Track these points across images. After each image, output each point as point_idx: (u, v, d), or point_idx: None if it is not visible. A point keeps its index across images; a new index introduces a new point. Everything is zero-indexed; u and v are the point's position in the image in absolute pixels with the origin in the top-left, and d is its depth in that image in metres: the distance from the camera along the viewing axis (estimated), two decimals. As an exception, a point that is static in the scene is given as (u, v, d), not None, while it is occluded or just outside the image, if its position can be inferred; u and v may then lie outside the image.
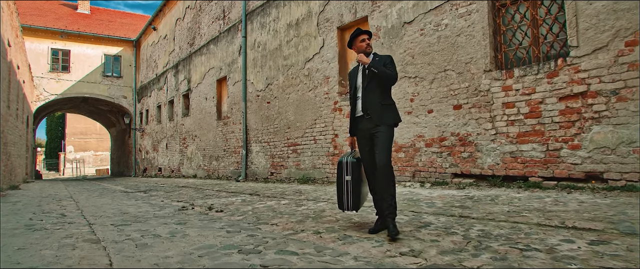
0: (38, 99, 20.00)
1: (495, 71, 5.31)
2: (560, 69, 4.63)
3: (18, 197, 7.51)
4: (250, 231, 3.37)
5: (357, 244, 2.77)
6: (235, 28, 11.93)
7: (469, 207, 4.10)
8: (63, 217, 4.43)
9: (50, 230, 3.43)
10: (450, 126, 5.81)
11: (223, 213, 4.61)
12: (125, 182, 14.50)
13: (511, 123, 5.10)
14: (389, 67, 3.08)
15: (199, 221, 3.99)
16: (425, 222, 3.50)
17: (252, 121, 10.78)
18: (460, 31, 5.70)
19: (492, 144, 5.29)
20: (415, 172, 6.27)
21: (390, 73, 3.05)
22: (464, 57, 5.65)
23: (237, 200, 6.06)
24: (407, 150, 6.41)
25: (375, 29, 7.05)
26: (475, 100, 5.51)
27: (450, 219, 3.56)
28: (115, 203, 6.14)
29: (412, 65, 6.37)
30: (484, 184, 5.36)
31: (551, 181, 4.69)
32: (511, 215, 3.55)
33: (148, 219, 4.14)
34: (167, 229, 3.47)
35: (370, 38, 3.21)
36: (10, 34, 10.17)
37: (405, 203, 4.64)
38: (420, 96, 6.24)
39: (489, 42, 5.36)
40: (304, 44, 8.84)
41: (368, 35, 3.19)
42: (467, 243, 2.71)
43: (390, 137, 3.03)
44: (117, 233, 3.34)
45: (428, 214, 3.92)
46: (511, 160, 5.08)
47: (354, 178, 3.07)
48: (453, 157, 5.75)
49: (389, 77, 3.05)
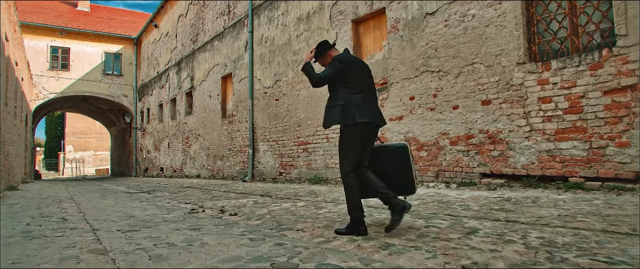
0: (37, 97, 19.59)
1: (529, 64, 4.93)
2: (606, 60, 4.26)
3: (16, 199, 7.12)
4: (275, 238, 2.99)
5: (406, 255, 2.40)
6: (241, 23, 11.54)
7: (510, 210, 3.73)
8: (64, 222, 4.05)
9: (50, 238, 3.04)
10: (478, 123, 5.43)
11: (238, 217, 4.23)
12: (126, 183, 14.11)
13: (548, 119, 4.72)
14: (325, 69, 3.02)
15: (214, 226, 3.60)
16: (470, 227, 3.12)
17: (260, 119, 10.39)
18: (489, 21, 5.32)
19: (526, 141, 4.92)
20: (439, 172, 5.89)
21: (310, 75, 3.00)
22: (493, 49, 5.27)
23: (249, 202, 5.68)
24: (430, 149, 6.03)
25: (393, 20, 6.67)
26: (506, 95, 5.13)
27: (497, 225, 3.19)
28: (119, 205, 5.76)
29: (435, 58, 5.99)
30: (517, 184, 4.98)
31: (595, 182, 4.32)
32: (566, 220, 3.18)
33: (157, 224, 3.76)
34: (182, 237, 3.09)
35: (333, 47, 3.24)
36: (8, 28, 9.78)
37: (436, 206, 4.26)
38: (445, 91, 5.86)
39: (522, 33, 4.98)
40: (316, 38, 8.46)
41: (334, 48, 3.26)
42: (535, 253, 2.33)
43: (343, 142, 2.93)
44: (125, 241, 2.96)
45: (468, 218, 3.55)
46: (548, 159, 4.70)
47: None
48: (481, 156, 5.37)
49: (309, 79, 3.04)
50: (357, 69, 2.99)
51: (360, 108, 2.86)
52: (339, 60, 2.98)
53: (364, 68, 3.07)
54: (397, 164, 3.00)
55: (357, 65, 3.02)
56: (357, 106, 2.86)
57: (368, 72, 3.10)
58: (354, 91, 2.91)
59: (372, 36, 7.37)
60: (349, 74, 2.93)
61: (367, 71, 3.09)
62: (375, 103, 3.03)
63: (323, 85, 3.01)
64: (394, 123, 6.60)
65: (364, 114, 2.85)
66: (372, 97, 3.03)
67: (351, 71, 2.95)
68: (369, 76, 3.08)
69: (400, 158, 3.00)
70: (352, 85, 2.92)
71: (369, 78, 3.08)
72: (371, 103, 2.97)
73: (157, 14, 18.88)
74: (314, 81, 2.98)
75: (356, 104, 2.87)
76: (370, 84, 3.06)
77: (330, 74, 2.93)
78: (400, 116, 6.50)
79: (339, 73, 2.93)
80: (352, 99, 2.88)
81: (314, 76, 2.98)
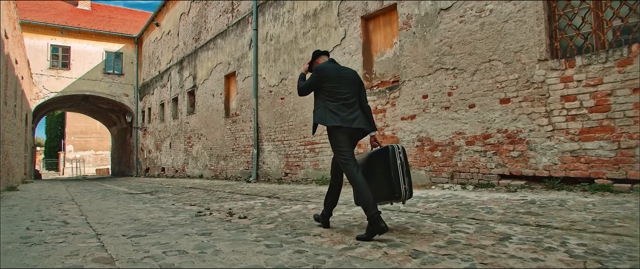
0: (37, 97, 19.37)
1: (551, 60, 4.72)
2: (635, 56, 4.04)
3: (15, 200, 6.91)
4: (293, 244, 2.78)
5: (441, 264, 2.19)
6: (245, 21, 11.33)
7: (539, 214, 3.52)
8: (65, 225, 3.83)
9: (51, 244, 2.83)
10: (496, 122, 5.22)
11: (248, 220, 4.02)
12: (128, 183, 13.89)
13: (572, 118, 4.51)
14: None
15: (225, 230, 3.39)
16: (501, 233, 2.92)
17: (264, 119, 10.18)
18: (508, 17, 5.11)
19: (548, 141, 4.70)
20: (454, 173, 5.67)
21: (297, 85, 3.37)
22: (512, 46, 5.06)
23: (257, 204, 5.47)
24: (444, 149, 5.82)
25: (405, 17, 6.46)
26: (526, 93, 4.92)
27: (529, 230, 2.98)
28: (122, 207, 5.55)
29: (450, 55, 5.78)
30: (538, 186, 4.77)
31: (624, 184, 4.10)
32: (604, 225, 2.97)
33: (164, 229, 3.55)
34: (192, 243, 2.88)
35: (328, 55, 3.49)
36: (8, 25, 9.57)
37: (456, 208, 4.05)
38: (460, 89, 5.65)
39: (544, 28, 4.77)
40: (323, 36, 8.25)
41: (326, 55, 3.48)
42: (583, 263, 2.13)
43: (330, 142, 3.16)
44: (132, 247, 2.75)
45: (494, 222, 3.34)
46: (572, 160, 4.49)
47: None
48: (500, 157, 5.16)
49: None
50: (332, 79, 3.14)
51: (332, 113, 3.07)
52: (316, 70, 3.22)
53: (342, 77, 3.18)
54: (382, 166, 3.07)
55: (334, 75, 3.15)
56: (330, 111, 3.08)
57: (349, 80, 3.19)
58: (330, 99, 3.12)
59: (383, 33, 7.16)
60: (325, 83, 3.14)
61: (347, 79, 3.19)
62: (353, 110, 3.12)
63: (303, 95, 3.32)
64: (406, 122, 6.39)
65: (334, 119, 3.05)
66: (350, 105, 3.13)
67: (327, 80, 3.14)
68: (348, 84, 3.17)
69: (385, 158, 3.06)
70: (329, 93, 3.13)
71: (349, 86, 3.17)
72: (349, 110, 3.10)
73: (159, 12, 18.66)
74: (297, 91, 3.35)
75: (329, 110, 3.09)
76: (349, 91, 3.16)
77: (308, 84, 3.25)
78: (413, 114, 6.29)
79: (315, 83, 3.19)
80: (327, 105, 3.12)
81: (298, 86, 3.34)
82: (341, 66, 3.29)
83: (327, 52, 3.48)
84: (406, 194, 3.00)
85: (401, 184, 2.95)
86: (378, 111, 6.89)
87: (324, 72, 3.16)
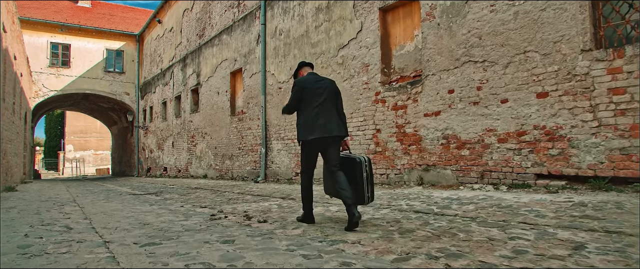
0: (37, 95, 18.97)
1: (596, 51, 4.34)
2: (697, 43, 3.67)
3: (14, 202, 6.52)
4: (333, 255, 2.40)
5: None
6: (252, 15, 10.94)
7: (598, 218, 3.14)
8: (68, 231, 3.45)
9: (53, 255, 2.44)
10: (532, 118, 4.84)
11: (269, 224, 3.63)
12: (129, 183, 13.50)
13: (621, 113, 4.13)
14: None
15: (248, 237, 3.01)
16: (569, 240, 2.55)
17: (273, 116, 9.79)
18: (546, 4, 4.73)
19: (593, 138, 4.33)
20: (484, 173, 5.29)
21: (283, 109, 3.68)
22: (551, 36, 4.68)
23: (273, 206, 5.09)
24: (473, 147, 5.44)
25: (429, 7, 6.08)
26: (567, 86, 4.54)
27: (598, 237, 2.62)
28: (128, 209, 5.16)
29: (479, 47, 5.40)
30: (582, 187, 4.39)
31: (684, 185, 3.73)
32: (688, 232, 2.59)
33: (179, 235, 3.17)
34: (216, 253, 2.49)
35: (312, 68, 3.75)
36: (7, 18, 9.18)
37: (499, 211, 3.67)
38: (491, 83, 5.27)
39: (588, 16, 4.39)
40: (337, 29, 7.86)
41: (310, 67, 3.74)
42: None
43: (301, 153, 3.57)
44: (147, 259, 2.37)
45: (552, 227, 2.97)
46: (622, 158, 4.11)
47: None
48: (537, 155, 4.78)
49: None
50: (309, 88, 3.43)
51: (312, 127, 3.34)
52: (295, 85, 3.51)
53: (319, 87, 3.44)
54: (356, 175, 3.39)
55: (311, 86, 3.44)
56: (309, 124, 3.36)
57: (325, 90, 3.44)
58: (308, 108, 3.39)
59: (402, 25, 6.78)
60: (304, 95, 3.42)
61: (324, 89, 3.44)
62: (329, 116, 3.38)
63: (289, 114, 3.65)
64: (430, 119, 6.01)
65: (313, 132, 3.33)
66: (325, 112, 3.38)
67: (304, 90, 3.43)
68: (325, 93, 3.42)
69: (357, 169, 3.40)
70: (307, 103, 3.40)
71: (326, 94, 3.42)
72: (325, 117, 3.36)
73: (161, 9, 18.27)
74: (282, 111, 3.68)
75: (308, 124, 3.36)
76: (326, 98, 3.41)
77: (290, 103, 3.54)
78: (438, 111, 5.91)
79: (296, 97, 3.47)
80: (305, 118, 3.40)
81: (283, 110, 3.65)
82: (320, 77, 3.54)
83: (312, 64, 3.75)
84: (368, 201, 3.42)
85: (365, 193, 3.37)
86: (398, 108, 6.51)
87: (301, 85, 3.46)
